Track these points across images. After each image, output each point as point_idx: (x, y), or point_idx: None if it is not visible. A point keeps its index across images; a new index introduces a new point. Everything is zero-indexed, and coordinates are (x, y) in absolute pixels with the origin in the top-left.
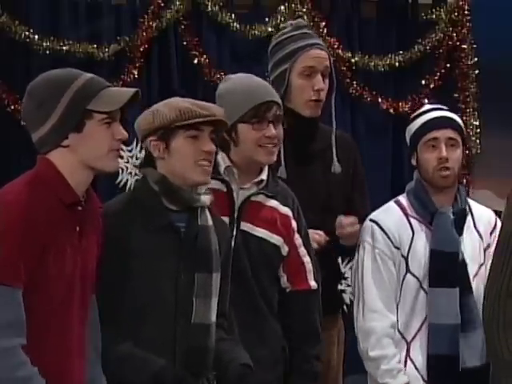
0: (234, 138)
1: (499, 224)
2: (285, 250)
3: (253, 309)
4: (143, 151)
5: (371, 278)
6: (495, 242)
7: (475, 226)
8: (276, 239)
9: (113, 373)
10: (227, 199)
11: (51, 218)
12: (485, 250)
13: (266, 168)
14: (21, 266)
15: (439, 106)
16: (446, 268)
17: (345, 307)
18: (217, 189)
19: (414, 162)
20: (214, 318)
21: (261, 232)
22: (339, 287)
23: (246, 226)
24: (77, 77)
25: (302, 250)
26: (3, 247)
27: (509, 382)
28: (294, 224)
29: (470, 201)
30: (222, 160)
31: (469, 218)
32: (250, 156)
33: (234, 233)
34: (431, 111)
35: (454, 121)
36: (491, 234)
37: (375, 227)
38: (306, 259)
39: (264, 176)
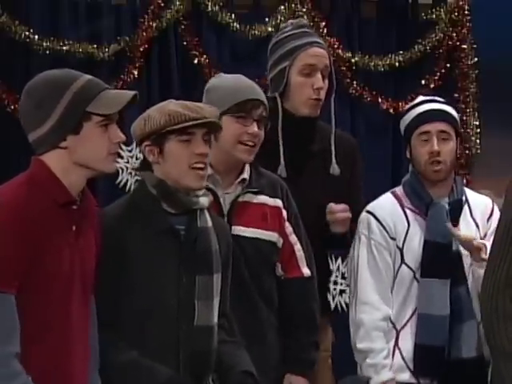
0: None
1: (496, 210)
2: (280, 242)
3: (252, 309)
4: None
5: (367, 270)
6: (492, 228)
7: (472, 216)
8: (270, 235)
9: (115, 380)
10: (215, 207)
11: (45, 218)
12: (482, 239)
13: (247, 167)
14: (13, 270)
15: (434, 98)
16: (438, 259)
17: (344, 306)
18: None
19: (408, 155)
20: (216, 319)
21: (253, 232)
22: (340, 287)
23: (237, 230)
24: (76, 78)
25: (293, 238)
26: None
27: (508, 368)
28: (284, 213)
29: (467, 190)
30: None
31: (465, 207)
32: (228, 151)
33: None
34: (425, 103)
35: (447, 113)
36: (488, 220)
37: (371, 219)
38: (297, 247)
39: (246, 175)
